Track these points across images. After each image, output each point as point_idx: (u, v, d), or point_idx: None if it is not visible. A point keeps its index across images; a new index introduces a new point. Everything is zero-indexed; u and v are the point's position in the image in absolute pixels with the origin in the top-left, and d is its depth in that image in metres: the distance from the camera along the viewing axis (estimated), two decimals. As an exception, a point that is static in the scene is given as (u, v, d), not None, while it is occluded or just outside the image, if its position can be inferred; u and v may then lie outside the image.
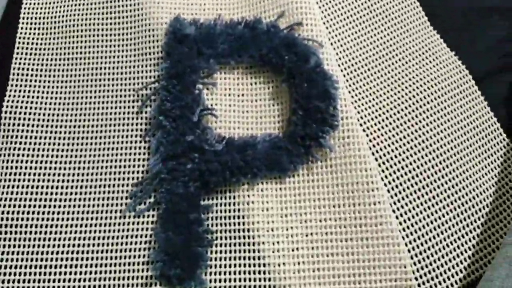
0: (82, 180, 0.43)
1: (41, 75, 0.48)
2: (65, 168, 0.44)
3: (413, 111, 0.46)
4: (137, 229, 0.41)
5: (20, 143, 0.45)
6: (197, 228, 0.40)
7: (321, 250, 0.40)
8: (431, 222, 0.42)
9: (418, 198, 0.43)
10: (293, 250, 0.40)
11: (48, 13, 0.51)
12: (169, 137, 0.42)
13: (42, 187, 0.43)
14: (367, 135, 0.45)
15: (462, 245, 0.41)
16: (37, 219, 0.42)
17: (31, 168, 0.44)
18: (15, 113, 0.46)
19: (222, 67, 0.47)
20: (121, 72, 0.47)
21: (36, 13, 0.51)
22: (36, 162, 0.44)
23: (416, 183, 0.43)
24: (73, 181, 0.43)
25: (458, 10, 0.51)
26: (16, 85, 0.48)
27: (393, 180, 0.43)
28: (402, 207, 0.42)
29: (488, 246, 0.42)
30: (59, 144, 0.45)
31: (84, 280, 0.40)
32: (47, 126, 0.46)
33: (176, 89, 0.44)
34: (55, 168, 0.44)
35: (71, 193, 0.43)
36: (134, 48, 0.48)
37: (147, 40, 0.48)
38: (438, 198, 0.43)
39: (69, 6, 0.51)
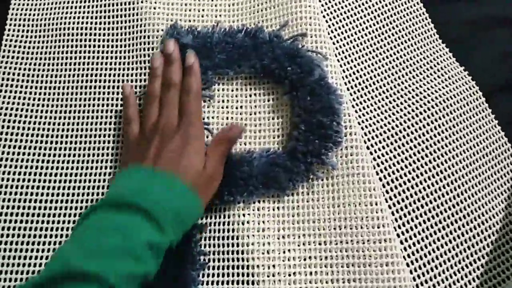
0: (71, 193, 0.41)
1: (27, 81, 0.45)
2: (51, 174, 0.42)
3: (420, 128, 0.44)
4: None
5: (3, 152, 0.42)
6: (191, 250, 0.38)
7: (320, 276, 0.38)
8: (437, 248, 0.39)
9: (424, 222, 0.40)
10: (290, 275, 0.38)
11: (39, 16, 0.48)
12: None
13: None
14: (371, 153, 0.43)
15: (470, 273, 0.39)
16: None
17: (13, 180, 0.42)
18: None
19: (220, 78, 0.44)
20: (113, 80, 0.45)
21: (25, 14, 0.48)
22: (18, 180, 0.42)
23: (422, 206, 0.41)
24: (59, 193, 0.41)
25: (465, 21, 0.49)
26: (0, 91, 0.45)
27: (398, 202, 0.41)
28: (407, 231, 0.40)
29: (497, 276, 0.39)
30: (48, 155, 0.43)
31: None
32: (34, 134, 0.43)
33: None
34: (44, 181, 0.42)
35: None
36: (129, 55, 0.46)
37: (143, 48, 0.45)
38: (445, 223, 0.40)
39: (60, 9, 0.48)
